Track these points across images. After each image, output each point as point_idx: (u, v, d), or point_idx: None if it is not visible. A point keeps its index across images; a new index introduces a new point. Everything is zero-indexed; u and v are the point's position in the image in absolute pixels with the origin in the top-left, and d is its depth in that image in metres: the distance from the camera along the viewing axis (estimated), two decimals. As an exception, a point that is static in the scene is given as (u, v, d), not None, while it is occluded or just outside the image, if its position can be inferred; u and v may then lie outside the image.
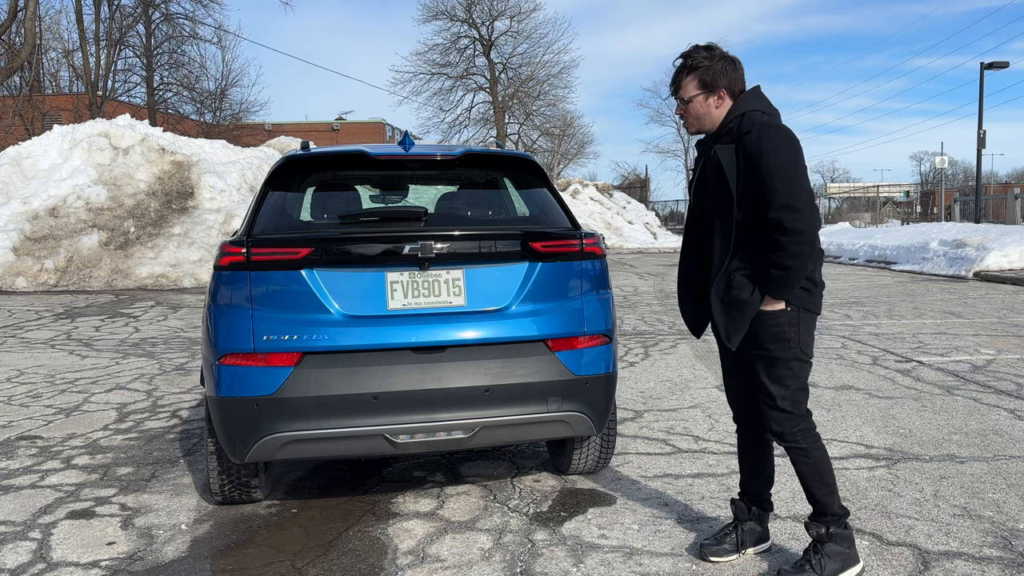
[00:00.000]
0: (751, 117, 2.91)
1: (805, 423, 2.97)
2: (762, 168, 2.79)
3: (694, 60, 2.95)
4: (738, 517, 3.23)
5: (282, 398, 3.29)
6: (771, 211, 2.78)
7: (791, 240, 2.76)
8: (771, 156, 2.79)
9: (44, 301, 12.51)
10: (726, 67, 2.95)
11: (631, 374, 6.71)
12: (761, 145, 2.81)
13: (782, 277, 2.81)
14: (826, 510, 2.99)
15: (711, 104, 2.97)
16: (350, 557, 3.31)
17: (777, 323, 2.89)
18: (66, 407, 5.88)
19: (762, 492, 3.25)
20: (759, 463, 3.23)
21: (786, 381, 2.93)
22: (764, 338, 2.91)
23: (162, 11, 32.47)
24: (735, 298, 2.90)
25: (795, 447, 2.97)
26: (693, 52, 2.97)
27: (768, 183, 2.78)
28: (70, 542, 3.49)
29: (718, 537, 3.22)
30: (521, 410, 3.47)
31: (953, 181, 73.19)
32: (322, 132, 48.89)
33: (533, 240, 3.60)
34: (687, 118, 3.04)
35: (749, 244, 2.90)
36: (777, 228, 2.78)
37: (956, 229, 19.85)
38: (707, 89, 2.95)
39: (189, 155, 17.48)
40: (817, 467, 2.98)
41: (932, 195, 49.94)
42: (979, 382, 6.26)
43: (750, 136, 2.84)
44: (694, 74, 2.95)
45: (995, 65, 27.46)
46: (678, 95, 3.02)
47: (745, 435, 3.23)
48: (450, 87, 43.82)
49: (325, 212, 4.01)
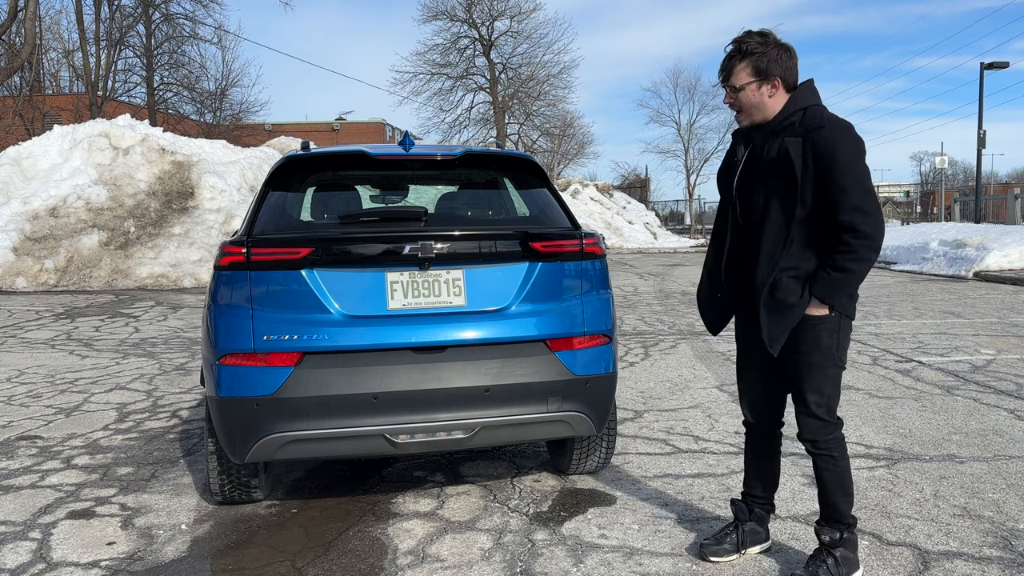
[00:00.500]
0: (818, 112, 2.78)
1: (837, 431, 2.92)
2: (836, 167, 2.67)
3: (747, 46, 2.79)
4: (739, 517, 3.21)
5: (282, 398, 3.29)
6: (842, 213, 2.67)
7: (862, 244, 2.68)
8: (846, 155, 2.67)
9: (44, 301, 12.51)
10: (781, 55, 2.79)
11: (631, 374, 6.71)
12: (836, 143, 2.68)
13: (840, 280, 2.72)
14: (842, 518, 2.96)
15: (764, 93, 2.81)
16: (350, 557, 3.31)
17: (820, 329, 2.80)
18: (66, 407, 5.88)
19: (766, 495, 3.23)
20: (767, 467, 3.20)
21: (824, 389, 2.85)
22: (805, 344, 2.81)
23: (162, 11, 32.48)
24: (783, 301, 2.78)
25: (825, 455, 2.91)
26: (746, 37, 2.81)
27: (841, 183, 2.66)
28: (70, 542, 3.49)
29: (718, 537, 3.20)
30: (521, 410, 3.47)
31: (953, 181, 73.20)
32: (322, 132, 48.89)
33: (533, 240, 3.60)
34: (739, 108, 2.87)
35: (802, 245, 2.78)
36: (849, 230, 2.68)
37: (956, 229, 19.85)
38: (760, 77, 2.79)
39: (189, 155, 17.48)
40: (842, 476, 2.94)
41: (932, 195, 49.94)
42: (979, 382, 6.26)
43: (823, 132, 2.70)
44: (747, 60, 2.79)
45: (995, 65, 27.45)
46: (728, 83, 2.84)
47: (756, 438, 3.18)
48: (450, 87, 43.82)
49: (325, 212, 4.01)
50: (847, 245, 2.70)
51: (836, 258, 2.72)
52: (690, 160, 49.23)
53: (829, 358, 2.84)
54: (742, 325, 3.12)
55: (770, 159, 2.82)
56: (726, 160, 3.08)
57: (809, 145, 2.72)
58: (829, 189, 2.69)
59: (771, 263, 2.81)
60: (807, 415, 2.89)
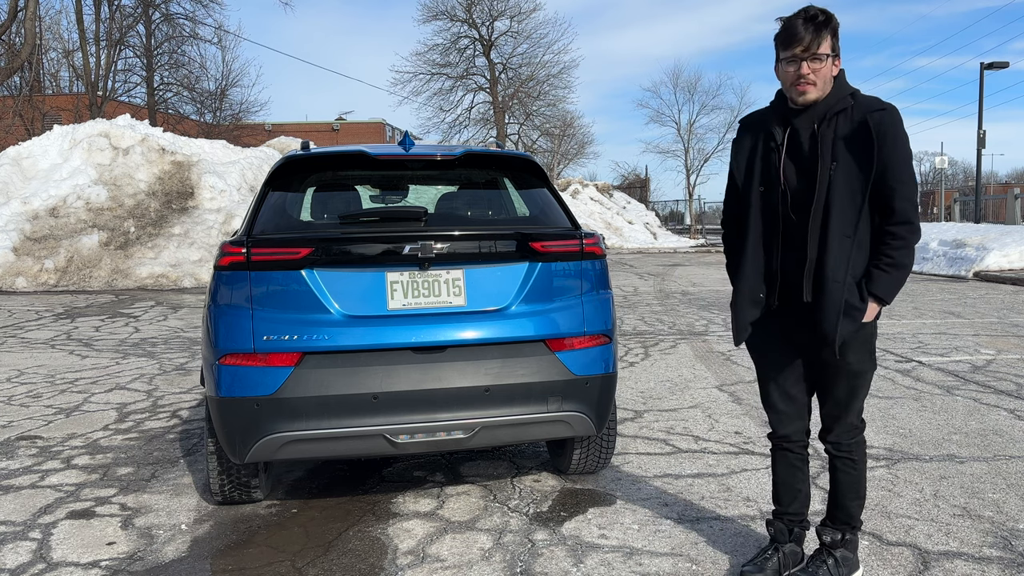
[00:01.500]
0: (868, 98, 2.67)
1: (861, 435, 2.87)
2: (897, 152, 2.54)
3: (831, 18, 2.63)
4: (778, 540, 3.02)
5: (282, 398, 3.29)
6: (898, 201, 2.55)
7: (915, 238, 2.58)
8: (904, 142, 2.55)
9: (44, 301, 12.51)
10: None
11: (631, 374, 6.71)
12: (897, 127, 2.55)
13: (899, 277, 2.59)
14: (851, 521, 2.92)
15: (834, 69, 2.67)
16: (350, 557, 3.31)
17: (868, 333, 2.69)
18: (66, 407, 5.88)
19: (802, 512, 3.04)
20: (800, 480, 3.00)
21: (861, 392, 2.78)
22: (852, 348, 2.67)
23: (162, 11, 32.48)
24: (853, 304, 2.60)
25: (847, 458, 2.85)
26: (826, 11, 2.64)
27: (900, 170, 2.54)
28: (70, 542, 3.49)
29: (759, 563, 2.97)
30: (521, 410, 3.47)
31: (953, 181, 73.23)
32: (322, 132, 48.89)
33: (533, 240, 3.60)
34: (814, 78, 2.63)
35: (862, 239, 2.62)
36: (905, 222, 2.55)
37: (956, 229, 19.85)
38: (836, 52, 2.67)
39: (189, 155, 17.48)
40: (858, 480, 2.88)
41: (932, 195, 49.91)
42: (979, 382, 6.26)
43: (885, 114, 2.56)
44: (829, 31, 2.63)
45: (995, 65, 27.45)
46: (811, 51, 2.61)
47: (786, 451, 2.97)
48: (450, 87, 43.83)
49: (325, 212, 4.01)
50: (903, 239, 2.57)
51: (894, 253, 2.58)
52: (690, 160, 49.27)
53: (871, 361, 2.77)
54: (780, 328, 2.84)
55: (835, 141, 2.62)
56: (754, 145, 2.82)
57: (874, 126, 2.57)
58: (887, 176, 2.56)
59: (843, 256, 2.60)
60: (840, 419, 2.80)
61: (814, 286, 2.66)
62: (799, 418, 2.94)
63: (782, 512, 3.06)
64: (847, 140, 2.61)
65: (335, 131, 51.27)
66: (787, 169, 2.72)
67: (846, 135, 2.62)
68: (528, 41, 43.37)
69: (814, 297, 2.66)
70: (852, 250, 2.60)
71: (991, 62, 27.44)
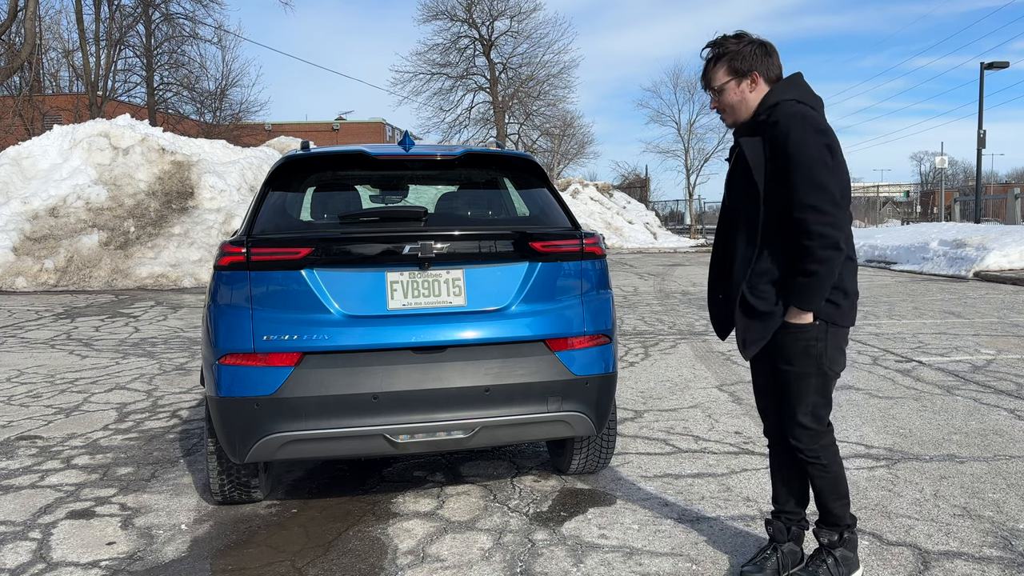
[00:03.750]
0: (784, 107, 2.70)
1: (826, 438, 2.88)
2: (789, 163, 2.60)
3: (722, 48, 2.78)
4: (777, 539, 3.04)
5: (282, 398, 3.29)
6: (796, 211, 2.59)
7: (817, 244, 2.58)
8: (797, 149, 2.59)
9: (44, 301, 12.51)
10: (755, 51, 2.76)
11: (631, 374, 6.71)
12: (788, 137, 2.61)
13: (806, 285, 2.64)
14: (840, 521, 2.93)
15: (744, 90, 2.77)
16: (350, 557, 3.31)
17: (803, 338, 2.73)
18: (66, 407, 5.88)
19: (799, 511, 3.07)
20: (795, 480, 3.03)
21: (808, 398, 2.80)
22: (788, 352, 2.76)
23: (162, 11, 32.47)
24: (755, 308, 2.73)
25: (815, 462, 2.87)
26: (722, 40, 2.80)
27: (795, 180, 2.59)
28: (70, 542, 3.49)
29: (758, 563, 3.00)
30: (521, 410, 3.47)
31: (953, 181, 73.19)
32: (322, 132, 48.88)
33: (533, 240, 3.60)
34: (722, 109, 2.84)
35: (775, 248, 2.71)
36: (803, 231, 2.59)
37: (956, 229, 19.85)
38: (738, 75, 2.76)
39: (189, 155, 17.48)
40: (834, 482, 2.90)
41: (932, 195, 49.92)
42: (979, 382, 6.26)
43: (778, 127, 2.64)
44: (723, 61, 2.77)
45: (995, 65, 27.45)
46: (709, 87, 2.82)
47: (778, 450, 3.04)
48: (450, 87, 43.82)
49: (325, 212, 4.01)
50: (804, 247, 2.61)
51: (798, 263, 2.64)
52: (690, 160, 49.30)
53: (813, 366, 2.76)
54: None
55: (741, 160, 2.80)
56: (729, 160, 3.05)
57: (768, 142, 2.66)
58: (785, 187, 2.62)
59: (744, 266, 2.78)
60: (793, 423, 2.85)
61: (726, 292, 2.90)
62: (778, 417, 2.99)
63: (780, 511, 3.09)
64: (748, 156, 2.74)
65: (335, 131, 51.26)
66: (727, 185, 2.96)
67: (748, 151, 2.75)
68: (528, 41, 43.38)
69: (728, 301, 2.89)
70: (754, 261, 2.75)
71: (991, 62, 27.44)
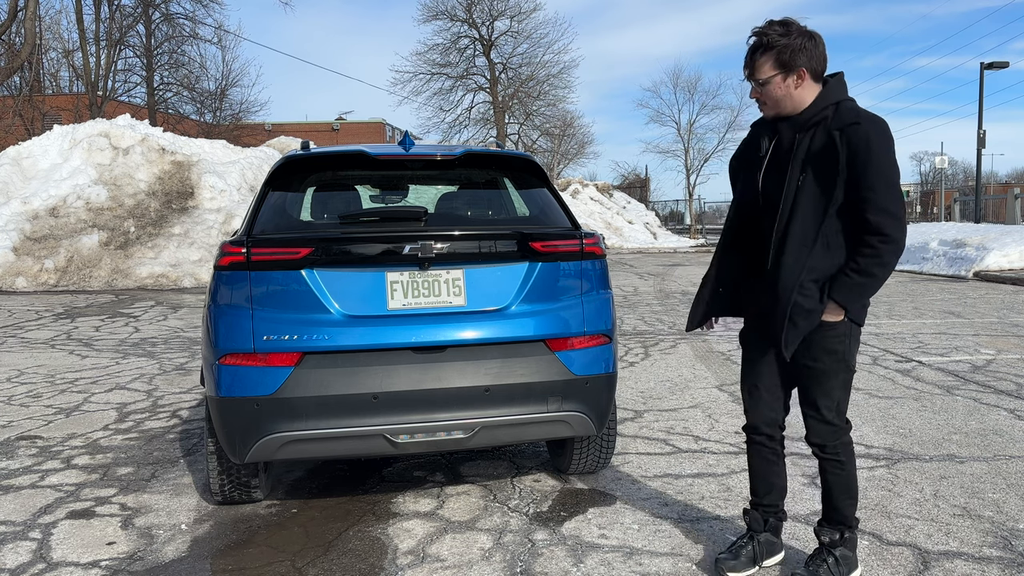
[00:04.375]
0: (850, 106, 2.67)
1: (846, 435, 2.89)
2: (870, 165, 2.57)
3: (769, 38, 2.67)
4: (753, 529, 3.09)
5: (282, 398, 3.29)
6: (872, 212, 2.59)
7: (888, 248, 2.60)
8: (880, 154, 2.58)
9: (44, 301, 12.51)
10: (805, 43, 2.65)
11: (631, 374, 6.71)
12: (871, 140, 2.58)
13: (863, 285, 2.65)
14: (845, 520, 2.94)
15: (790, 85, 2.69)
16: (350, 557, 3.31)
17: (834, 335, 2.73)
18: (66, 407, 5.88)
19: (778, 503, 3.11)
20: (776, 473, 3.08)
21: (834, 393, 2.81)
22: (818, 350, 2.75)
23: (162, 11, 32.47)
24: (802, 305, 2.67)
25: (833, 459, 2.88)
26: (767, 28, 2.68)
27: (872, 182, 2.57)
28: (70, 542, 3.49)
29: (734, 551, 3.06)
30: (521, 410, 3.47)
31: (953, 181, 73.20)
32: (322, 132, 48.89)
33: (533, 240, 3.60)
34: (764, 101, 2.76)
35: (826, 246, 2.68)
36: (876, 233, 2.60)
37: (956, 229, 19.85)
38: (785, 69, 2.67)
39: (189, 155, 17.48)
40: (848, 480, 2.90)
41: (932, 195, 49.91)
42: (979, 382, 6.26)
43: (859, 128, 2.59)
44: (769, 53, 2.67)
45: (995, 65, 27.45)
46: (753, 77, 2.73)
47: (762, 444, 3.05)
48: (450, 87, 43.83)
49: (325, 212, 4.01)
50: (873, 248, 2.62)
51: (860, 261, 2.63)
52: (690, 160, 49.30)
53: (841, 363, 2.78)
54: (753, 327, 2.98)
55: (805, 153, 2.70)
56: (746, 152, 2.95)
57: (844, 140, 2.62)
58: (859, 187, 2.60)
59: (798, 264, 2.69)
60: (818, 420, 2.85)
61: (769, 294, 2.77)
62: (769, 411, 3.00)
63: (757, 503, 3.12)
64: (818, 153, 2.67)
65: (335, 131, 51.27)
66: (766, 178, 2.82)
67: (818, 148, 2.68)
68: (528, 41, 43.39)
69: (769, 304, 2.77)
70: (807, 259, 2.68)
71: (991, 62, 27.44)
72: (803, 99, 2.72)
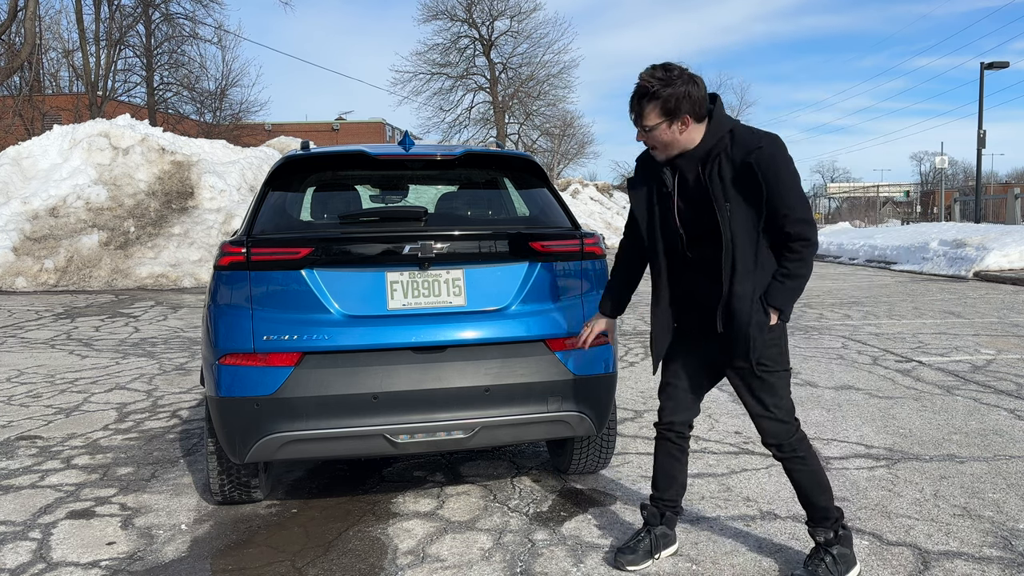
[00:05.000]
0: (743, 130, 2.83)
1: (799, 431, 2.99)
2: (781, 182, 2.74)
3: (653, 87, 2.77)
4: (650, 523, 3.22)
5: (282, 398, 3.29)
6: (791, 225, 2.76)
7: (810, 251, 2.80)
8: (785, 170, 2.75)
9: (44, 301, 12.51)
10: (689, 91, 2.76)
11: (631, 374, 6.70)
12: (776, 159, 2.75)
13: (795, 287, 2.82)
14: (827, 513, 2.99)
15: (675, 131, 2.81)
16: (350, 557, 3.31)
17: (772, 338, 2.88)
18: (66, 407, 5.88)
19: (676, 499, 3.24)
20: (678, 470, 3.20)
21: (781, 392, 2.93)
22: (762, 353, 2.86)
23: (162, 11, 32.46)
24: (761, 320, 2.81)
25: (793, 456, 2.97)
26: (650, 78, 2.77)
27: (787, 197, 2.74)
28: (70, 542, 3.49)
29: (632, 546, 3.18)
30: (521, 410, 3.47)
31: (953, 181, 73.16)
32: (322, 132, 48.89)
33: (533, 240, 3.60)
34: (652, 144, 2.90)
35: (761, 260, 2.82)
36: (799, 239, 2.78)
37: (956, 229, 19.86)
38: (670, 116, 2.78)
39: (189, 155, 17.48)
40: (815, 474, 2.99)
41: (932, 195, 49.93)
42: (979, 382, 6.26)
43: (763, 151, 2.74)
44: (655, 102, 2.77)
45: (995, 65, 27.47)
46: (639, 123, 2.86)
47: (669, 440, 3.18)
48: (450, 87, 43.88)
49: (325, 212, 4.01)
50: (798, 253, 2.79)
51: (790, 267, 2.80)
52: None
53: (781, 363, 2.92)
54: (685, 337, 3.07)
55: (722, 184, 2.79)
56: (649, 188, 3.01)
57: (754, 165, 2.75)
58: (777, 206, 2.75)
59: (752, 288, 2.81)
60: (771, 419, 2.94)
61: (725, 318, 2.85)
62: (686, 411, 3.14)
63: (657, 497, 3.23)
64: (734, 181, 2.78)
65: (335, 131, 51.27)
66: (681, 212, 2.92)
67: (732, 177, 2.78)
68: (528, 41, 43.45)
69: (725, 327, 2.86)
70: (756, 281, 2.80)
71: (991, 62, 27.46)
72: (691, 139, 2.84)
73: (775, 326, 2.86)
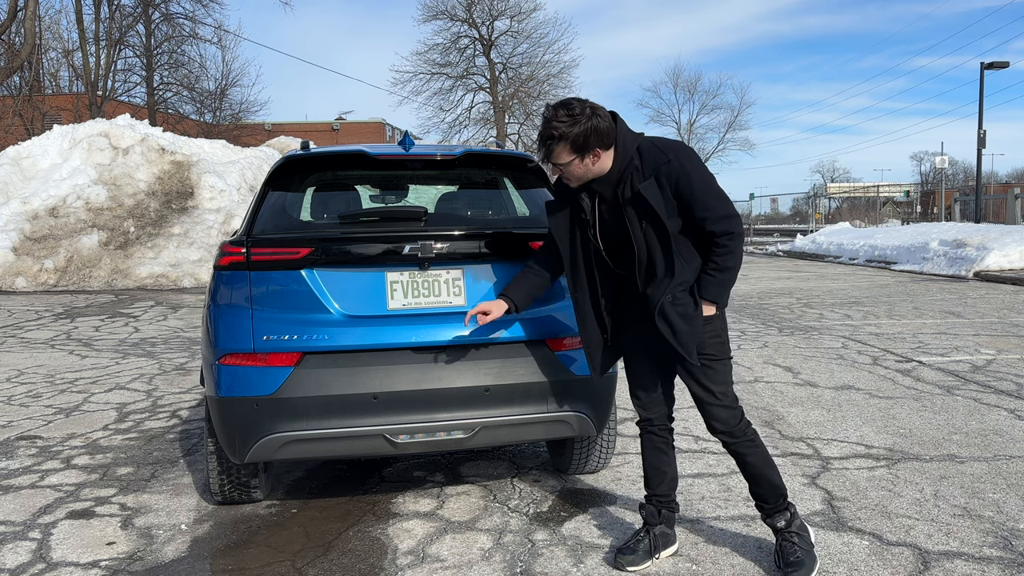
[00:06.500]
0: (648, 145, 2.92)
1: (744, 417, 3.09)
2: (694, 189, 2.85)
3: (559, 130, 2.83)
4: (648, 522, 3.24)
5: (282, 398, 3.29)
6: (713, 224, 2.88)
7: (736, 243, 2.92)
8: (697, 175, 2.87)
9: (44, 301, 12.51)
10: (595, 125, 2.83)
11: (631, 374, 6.69)
12: (685, 167, 2.86)
13: (727, 279, 2.95)
14: (777, 491, 3.11)
15: (588, 164, 2.90)
16: (350, 557, 3.31)
17: (713, 328, 2.99)
18: (66, 407, 5.88)
19: (670, 494, 3.27)
20: (666, 463, 3.25)
21: (724, 379, 3.04)
22: (704, 344, 2.97)
23: (162, 11, 32.46)
24: (686, 314, 2.92)
25: (744, 440, 3.07)
26: (556, 121, 2.83)
27: (704, 200, 2.86)
28: (70, 542, 3.49)
29: (631, 545, 3.20)
30: (521, 410, 3.47)
31: (953, 181, 73.15)
32: (322, 132, 48.89)
33: (533, 240, 3.59)
34: (566, 178, 2.98)
35: (684, 260, 2.94)
36: (723, 234, 2.89)
37: (956, 229, 19.85)
38: (580, 152, 2.86)
39: (189, 155, 17.48)
40: (764, 453, 3.11)
41: (932, 195, 49.92)
42: (979, 382, 6.26)
43: (671, 164, 2.86)
44: (564, 143, 2.85)
45: (995, 65, 27.44)
46: (550, 161, 2.94)
47: (653, 434, 3.24)
48: (450, 87, 43.85)
49: (325, 212, 4.01)
50: (725, 247, 2.91)
51: (718, 260, 2.92)
52: (691, 160, 49.17)
53: (723, 351, 3.03)
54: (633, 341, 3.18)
55: (634, 204, 2.91)
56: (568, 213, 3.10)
57: (664, 180, 2.86)
58: (695, 210, 2.87)
59: (662, 288, 2.91)
60: (719, 406, 3.03)
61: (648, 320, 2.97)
62: (660, 404, 3.21)
63: (651, 494, 3.27)
64: (647, 200, 2.87)
65: (335, 131, 51.26)
66: (603, 231, 3.03)
67: (646, 195, 2.87)
68: (528, 41, 43.42)
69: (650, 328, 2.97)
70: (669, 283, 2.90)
71: (991, 62, 27.43)
72: (603, 166, 2.93)
73: (714, 317, 2.98)
